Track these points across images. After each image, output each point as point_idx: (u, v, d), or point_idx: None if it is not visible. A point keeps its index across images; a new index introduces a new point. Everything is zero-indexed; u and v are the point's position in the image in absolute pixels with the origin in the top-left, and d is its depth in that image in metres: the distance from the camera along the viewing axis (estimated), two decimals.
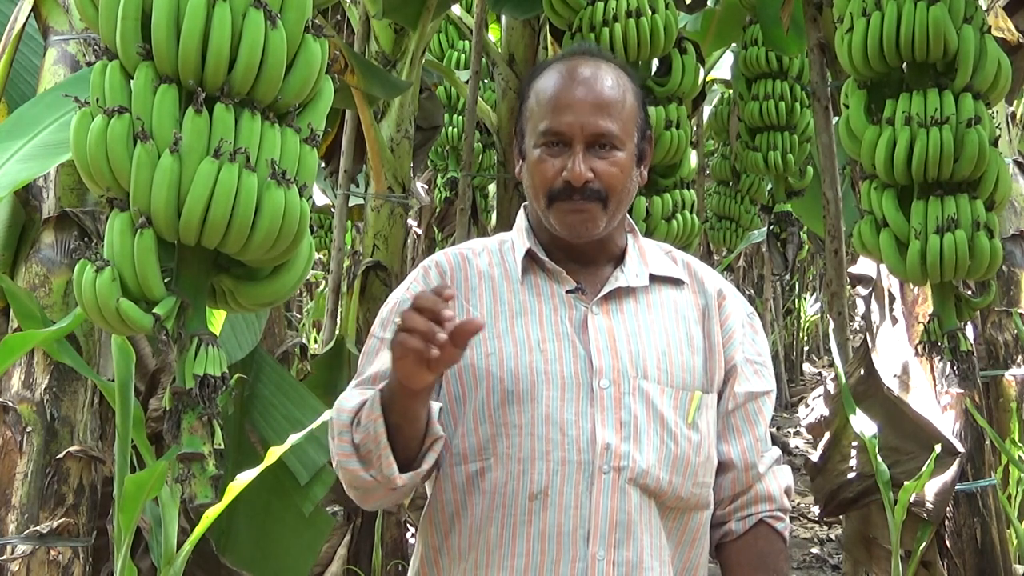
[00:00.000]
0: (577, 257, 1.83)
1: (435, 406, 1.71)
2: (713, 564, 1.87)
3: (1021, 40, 4.20)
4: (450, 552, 1.76)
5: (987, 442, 3.81)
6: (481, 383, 1.74)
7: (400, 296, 1.86)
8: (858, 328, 6.88)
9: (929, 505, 3.57)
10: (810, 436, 4.03)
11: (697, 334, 1.84)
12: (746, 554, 1.84)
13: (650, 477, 1.72)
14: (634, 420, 1.72)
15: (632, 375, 1.74)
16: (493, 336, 1.76)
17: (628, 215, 1.91)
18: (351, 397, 1.74)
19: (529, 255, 1.82)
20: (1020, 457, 4.02)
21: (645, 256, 1.87)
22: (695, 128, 6.81)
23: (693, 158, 6.93)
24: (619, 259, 1.85)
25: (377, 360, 1.81)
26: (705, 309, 1.86)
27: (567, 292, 1.79)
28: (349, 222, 6.56)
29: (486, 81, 6.60)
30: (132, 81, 1.92)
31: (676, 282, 1.87)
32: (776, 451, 1.91)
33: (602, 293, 1.80)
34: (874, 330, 4.18)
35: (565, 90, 1.78)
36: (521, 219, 1.89)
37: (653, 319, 1.81)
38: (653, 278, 1.85)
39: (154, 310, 1.89)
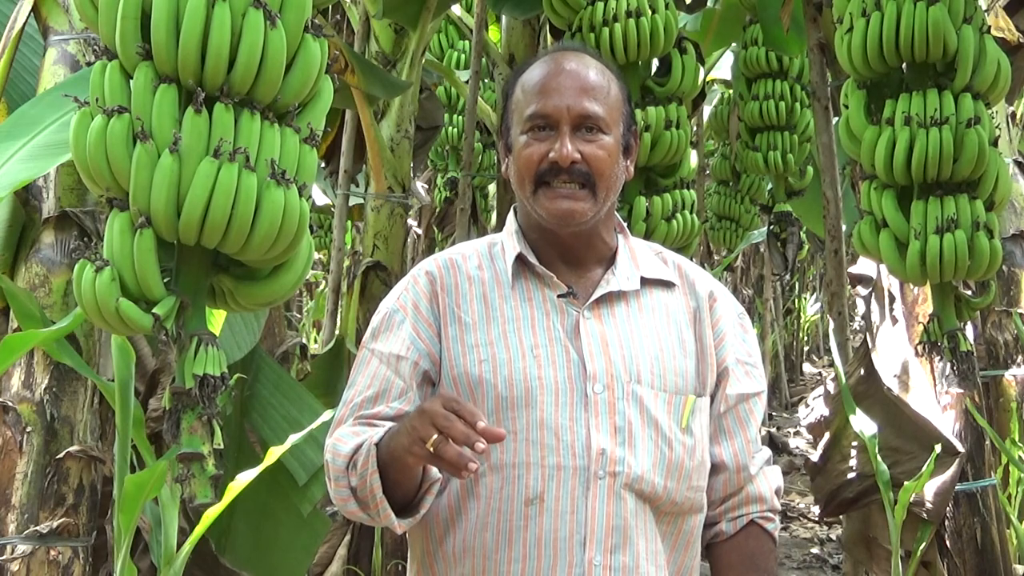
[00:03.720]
0: (568, 258, 1.82)
1: None
2: (704, 564, 1.87)
3: (1021, 40, 4.20)
4: (445, 557, 1.76)
5: (987, 442, 3.81)
6: (476, 390, 1.73)
7: (391, 306, 1.84)
8: (858, 328, 6.88)
9: (929, 505, 3.57)
10: (810, 436, 4.03)
11: (689, 337, 1.83)
12: (736, 554, 1.84)
13: (645, 482, 1.72)
14: (628, 425, 1.72)
15: (626, 380, 1.74)
16: (486, 343, 1.76)
17: (627, 216, 1.91)
18: (346, 439, 1.72)
19: (519, 259, 1.82)
20: (1020, 457, 4.02)
21: (636, 258, 1.86)
22: (695, 128, 6.81)
23: (693, 158, 6.94)
24: (610, 261, 1.85)
25: (374, 380, 1.79)
26: (696, 312, 1.86)
27: (558, 297, 1.79)
28: (349, 222, 6.56)
29: (486, 81, 6.60)
30: (132, 81, 1.92)
31: (667, 285, 1.86)
32: (767, 452, 1.91)
33: (593, 297, 1.79)
34: (874, 330, 4.18)
35: (551, 77, 1.79)
36: (511, 222, 1.88)
37: (645, 323, 1.81)
38: (644, 281, 1.84)
39: (153, 310, 1.89)
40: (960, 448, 3.63)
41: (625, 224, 1.94)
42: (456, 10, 6.21)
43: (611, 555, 1.69)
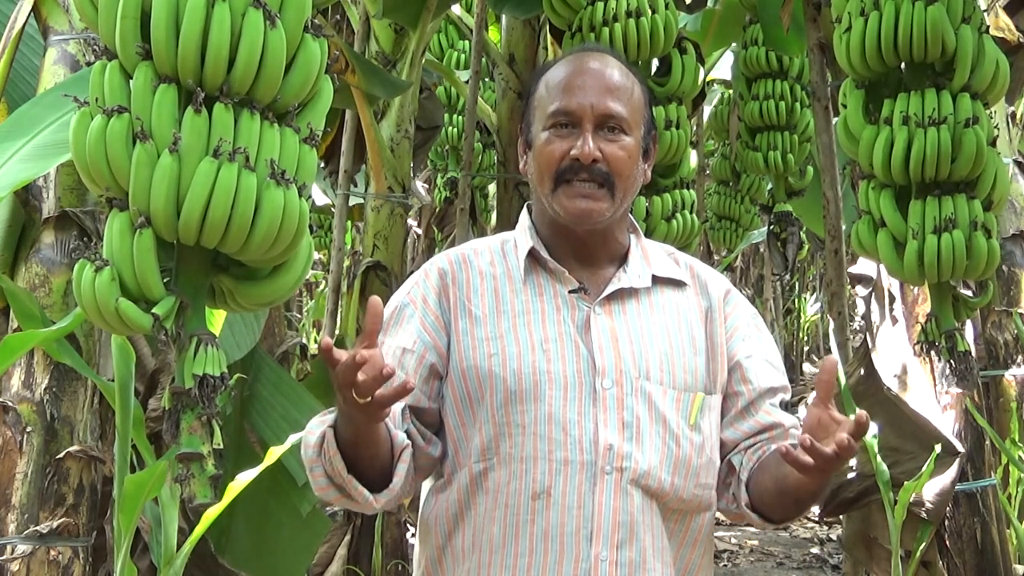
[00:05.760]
0: (580, 256, 1.83)
1: (396, 408, 1.70)
2: (717, 564, 1.86)
3: (1021, 40, 4.20)
4: (453, 552, 1.76)
5: (987, 442, 3.81)
6: (485, 383, 1.74)
7: (400, 300, 1.85)
8: (858, 328, 6.88)
9: (929, 505, 3.58)
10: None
11: (699, 335, 1.83)
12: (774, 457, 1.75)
13: (652, 478, 1.72)
14: (636, 421, 1.73)
15: (635, 376, 1.74)
16: (496, 336, 1.76)
17: (629, 215, 1.91)
18: (314, 429, 1.73)
19: (532, 255, 1.82)
20: (1020, 457, 4.02)
21: (648, 257, 1.87)
22: (695, 128, 6.81)
23: (693, 158, 6.94)
24: (622, 259, 1.85)
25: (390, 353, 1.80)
26: (708, 311, 1.86)
27: (570, 292, 1.79)
28: (349, 222, 6.55)
29: (486, 81, 6.60)
30: (131, 81, 1.92)
31: (678, 284, 1.87)
32: (794, 419, 1.88)
33: (605, 293, 1.80)
34: (874, 330, 4.18)
35: (576, 75, 1.80)
36: (524, 218, 1.89)
37: (655, 320, 1.81)
38: (656, 279, 1.85)
39: (153, 310, 1.89)
40: (960, 448, 3.63)
41: None
42: (456, 10, 6.21)
43: (617, 550, 1.69)
